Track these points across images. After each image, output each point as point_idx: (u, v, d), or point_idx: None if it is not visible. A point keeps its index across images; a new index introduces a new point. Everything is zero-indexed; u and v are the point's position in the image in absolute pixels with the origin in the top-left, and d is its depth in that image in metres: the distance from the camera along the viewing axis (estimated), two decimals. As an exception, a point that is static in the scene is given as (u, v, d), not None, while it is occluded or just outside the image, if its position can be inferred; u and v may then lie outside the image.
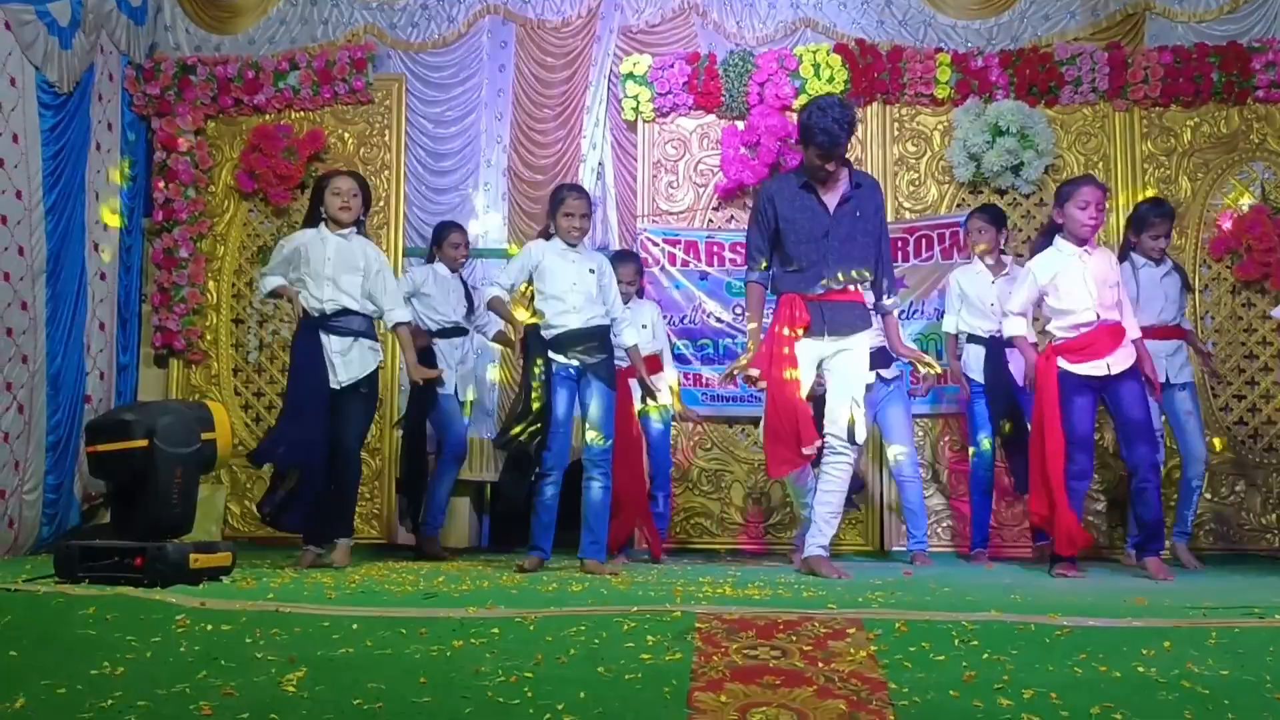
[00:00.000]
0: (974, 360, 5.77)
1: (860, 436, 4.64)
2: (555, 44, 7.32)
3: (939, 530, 6.52)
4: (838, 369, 4.67)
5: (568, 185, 5.42)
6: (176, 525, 3.85)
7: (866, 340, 4.71)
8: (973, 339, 5.78)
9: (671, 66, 6.91)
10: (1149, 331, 5.17)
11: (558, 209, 5.04)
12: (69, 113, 6.28)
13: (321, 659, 2.56)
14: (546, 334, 4.94)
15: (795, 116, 6.80)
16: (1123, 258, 5.46)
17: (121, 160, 6.95)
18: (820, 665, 2.45)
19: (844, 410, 4.60)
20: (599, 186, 7.17)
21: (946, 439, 6.61)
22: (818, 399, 4.79)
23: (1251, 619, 2.95)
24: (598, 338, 5.00)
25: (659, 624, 2.78)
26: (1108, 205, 5.84)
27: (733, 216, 6.93)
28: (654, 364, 5.88)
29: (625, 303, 5.67)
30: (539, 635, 2.73)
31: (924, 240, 6.62)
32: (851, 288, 4.66)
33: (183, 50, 7.35)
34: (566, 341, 4.94)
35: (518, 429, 4.84)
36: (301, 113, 7.25)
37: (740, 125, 6.84)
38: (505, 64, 7.38)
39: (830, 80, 6.79)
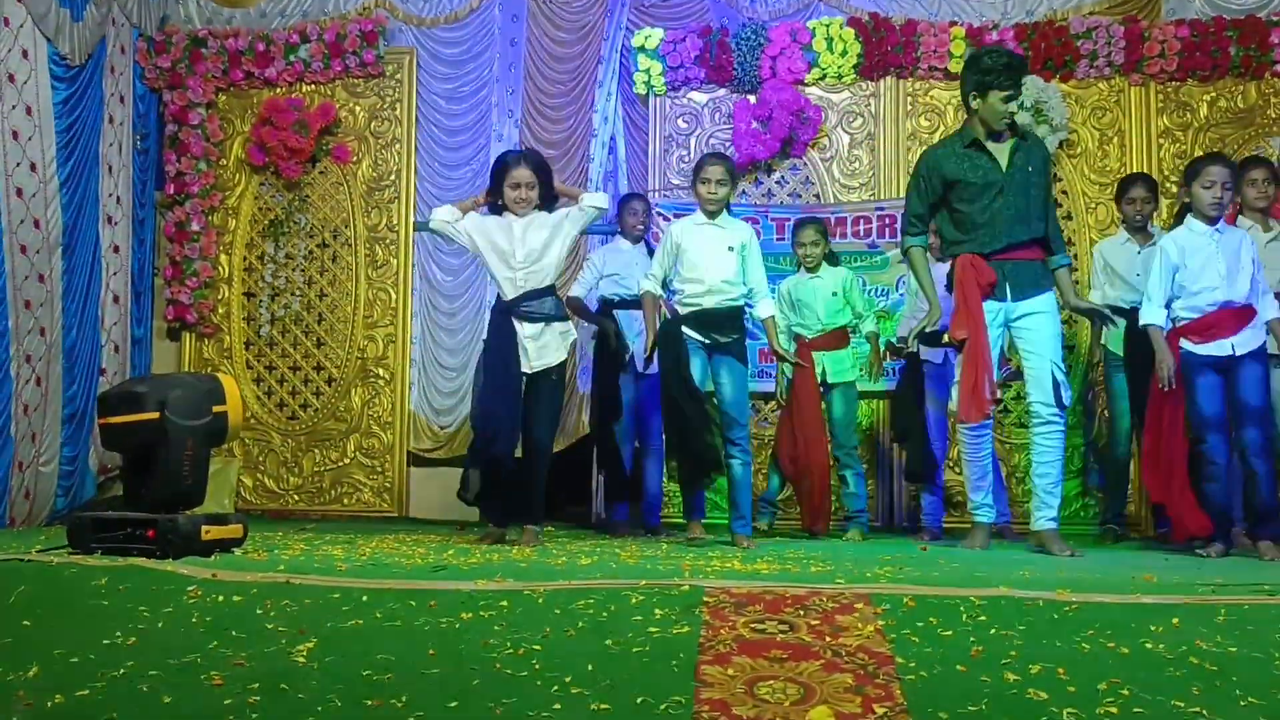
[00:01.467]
0: (1116, 332, 5.54)
1: (1067, 400, 4.54)
2: (567, 18, 7.28)
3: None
4: (1032, 334, 4.52)
5: (710, 153, 5.41)
6: (188, 497, 3.86)
7: (1054, 300, 4.57)
8: (1116, 310, 5.41)
9: (683, 40, 6.87)
10: None
11: (697, 176, 5.03)
12: (81, 85, 6.28)
13: (331, 630, 2.58)
14: (682, 310, 4.97)
15: (807, 90, 6.82)
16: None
17: (134, 133, 6.96)
18: (827, 639, 2.46)
19: (1046, 375, 4.48)
20: (610, 161, 7.16)
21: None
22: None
23: (1260, 596, 2.94)
24: (732, 318, 4.98)
25: (667, 598, 2.79)
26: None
27: (744, 191, 6.90)
28: (842, 337, 5.72)
29: (815, 269, 5.66)
30: (547, 608, 2.74)
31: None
32: (1031, 245, 4.54)
33: (194, 23, 7.34)
34: (700, 321, 4.94)
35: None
36: (312, 86, 7.25)
37: (752, 99, 6.80)
38: (517, 38, 7.35)
39: (843, 54, 6.75)
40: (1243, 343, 4.61)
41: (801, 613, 2.65)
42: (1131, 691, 2.16)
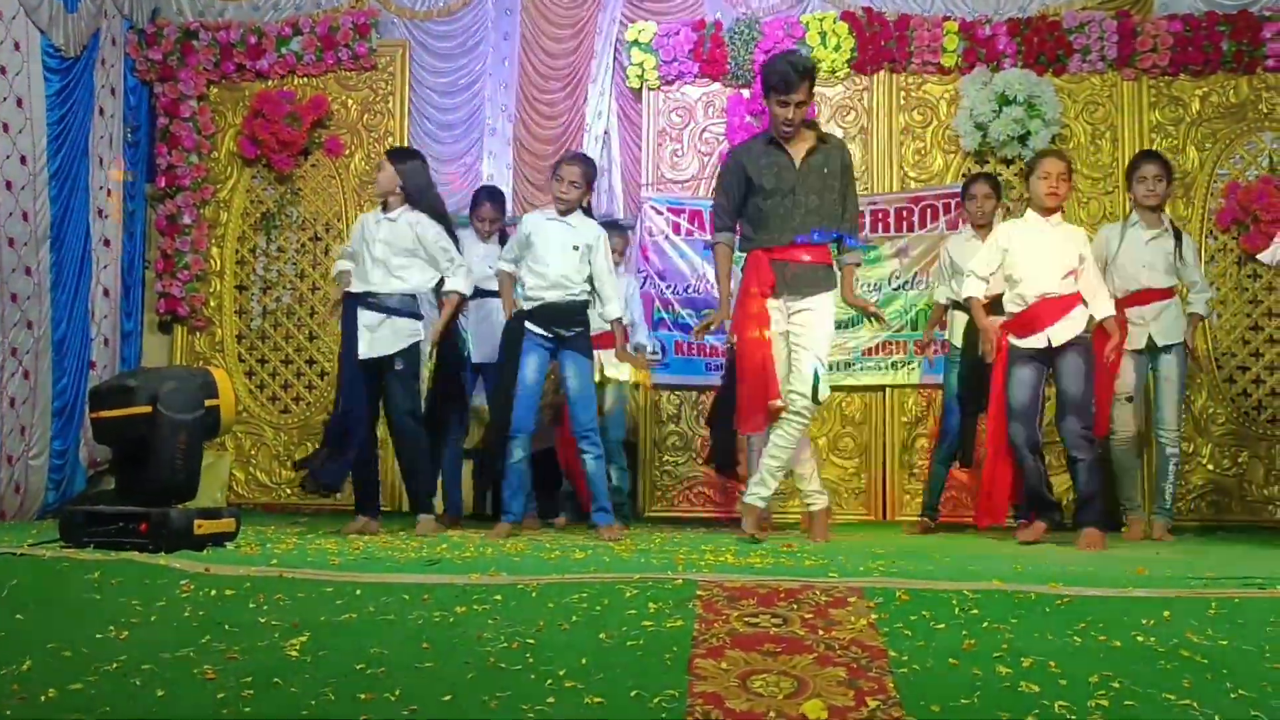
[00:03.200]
0: (958, 327, 5.64)
1: (824, 395, 4.67)
2: (561, 12, 7.25)
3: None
4: (804, 329, 4.67)
5: (569, 152, 5.46)
6: (181, 491, 3.86)
7: (829, 301, 4.72)
8: (958, 305, 5.59)
9: (677, 34, 6.86)
10: (1129, 299, 5.22)
11: (554, 173, 5.13)
12: (74, 77, 6.25)
13: (325, 624, 2.58)
14: (525, 305, 5.04)
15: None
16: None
17: (125, 126, 6.93)
18: (820, 633, 2.46)
19: (809, 369, 4.62)
20: (604, 155, 7.14)
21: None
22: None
23: (1252, 590, 2.96)
24: (575, 312, 5.05)
25: (661, 591, 2.80)
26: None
27: (738, 185, 6.90)
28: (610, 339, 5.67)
29: None
30: (541, 602, 2.75)
31: (929, 210, 6.60)
32: (817, 246, 4.69)
33: (185, 15, 7.30)
34: (542, 314, 5.01)
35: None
36: (304, 78, 7.22)
37: (746, 93, 6.80)
38: (510, 32, 7.32)
39: (837, 48, 6.75)
40: (1058, 334, 4.77)
41: (794, 606, 2.66)
42: (1123, 684, 2.17)
